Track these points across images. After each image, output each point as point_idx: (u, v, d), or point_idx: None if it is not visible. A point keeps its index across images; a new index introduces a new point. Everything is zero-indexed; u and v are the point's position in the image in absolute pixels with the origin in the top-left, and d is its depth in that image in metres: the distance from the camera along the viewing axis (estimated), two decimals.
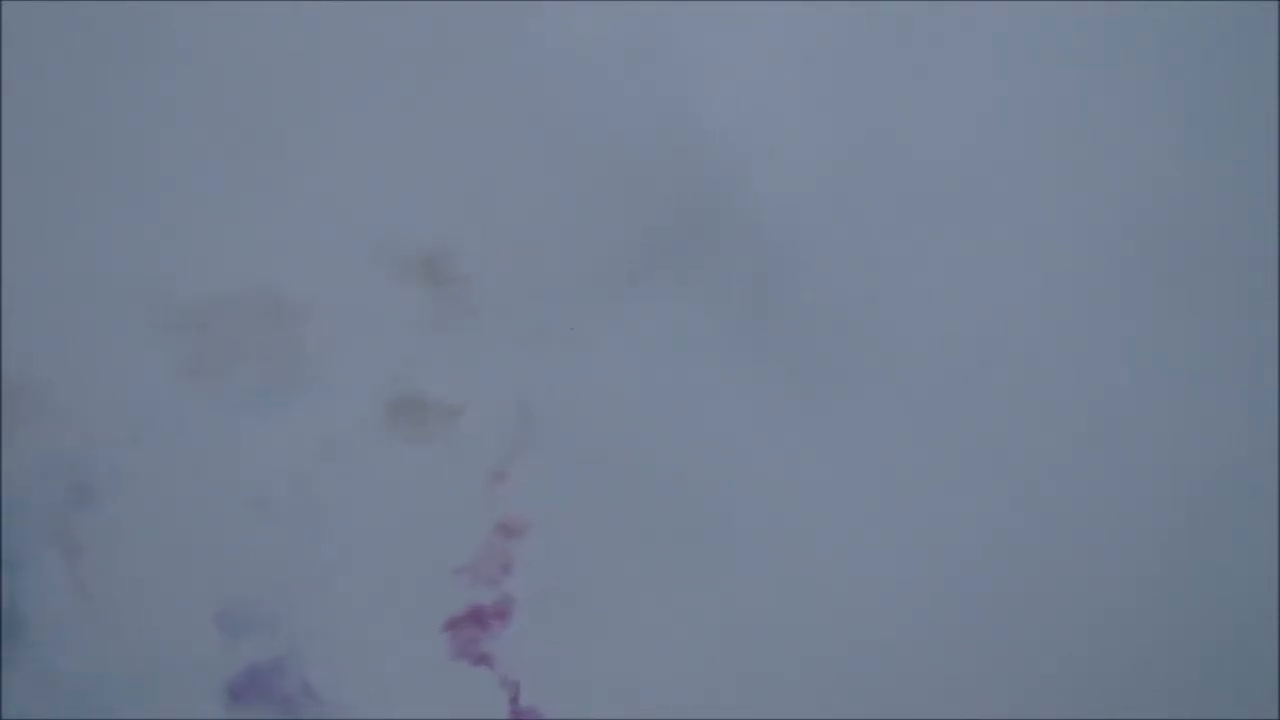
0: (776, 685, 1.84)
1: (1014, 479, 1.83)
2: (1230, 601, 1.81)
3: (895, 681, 1.83)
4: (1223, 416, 1.77)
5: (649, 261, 1.87)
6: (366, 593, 1.84)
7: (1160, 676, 1.84)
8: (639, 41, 1.93)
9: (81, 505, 1.80)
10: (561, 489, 1.82)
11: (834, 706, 1.83)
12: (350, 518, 1.82)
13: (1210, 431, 1.78)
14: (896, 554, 1.81)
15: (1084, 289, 1.75)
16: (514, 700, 1.78)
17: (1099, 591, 1.85)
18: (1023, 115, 1.83)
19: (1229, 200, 1.77)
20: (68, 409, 1.77)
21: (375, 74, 1.90)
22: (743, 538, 1.84)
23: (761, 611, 1.87)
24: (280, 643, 1.83)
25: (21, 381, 1.79)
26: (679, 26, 1.95)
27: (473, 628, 1.78)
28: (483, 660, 1.87)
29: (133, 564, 1.81)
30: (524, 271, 1.88)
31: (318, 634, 1.81)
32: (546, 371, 1.85)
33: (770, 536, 1.83)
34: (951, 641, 1.84)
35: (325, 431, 1.82)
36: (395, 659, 1.81)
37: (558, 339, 1.88)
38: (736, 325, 1.87)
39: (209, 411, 1.80)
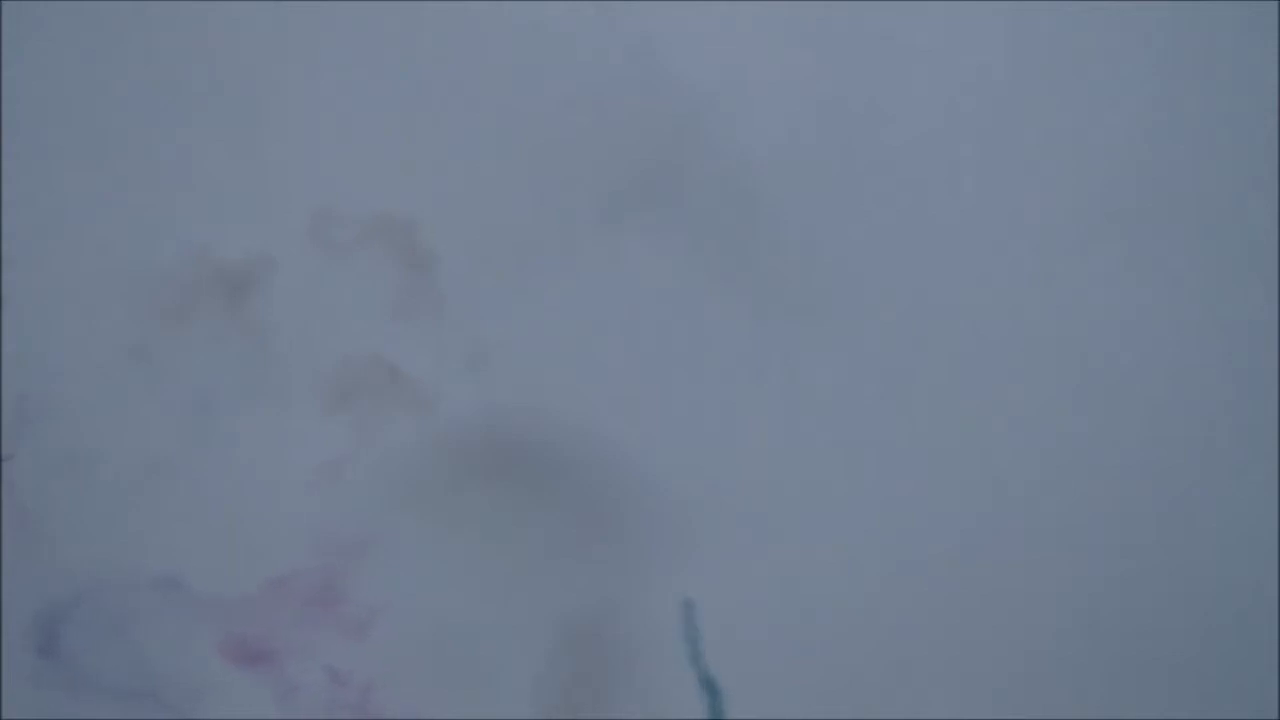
0: (760, 650, 1.80)
1: (996, 415, 1.77)
2: (1229, 585, 1.74)
3: (879, 658, 1.79)
4: (1213, 371, 1.69)
5: (617, 208, 1.80)
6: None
7: (1156, 665, 1.78)
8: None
9: None
10: (524, 435, 1.79)
11: (805, 675, 1.79)
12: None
13: (1202, 378, 1.71)
14: (875, 501, 1.76)
15: (1066, 238, 1.69)
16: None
17: (1087, 558, 1.79)
18: (1008, 63, 1.75)
19: (1215, 163, 1.68)
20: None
21: (324, 28, 1.83)
22: (722, 488, 1.80)
23: (744, 573, 1.83)
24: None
25: None
26: None
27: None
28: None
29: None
30: (486, 226, 1.83)
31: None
32: (512, 323, 1.80)
33: (750, 486, 1.79)
34: (937, 608, 1.80)
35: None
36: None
37: (523, 289, 1.83)
38: (711, 269, 1.81)
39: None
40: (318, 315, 1.79)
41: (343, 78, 1.86)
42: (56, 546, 1.75)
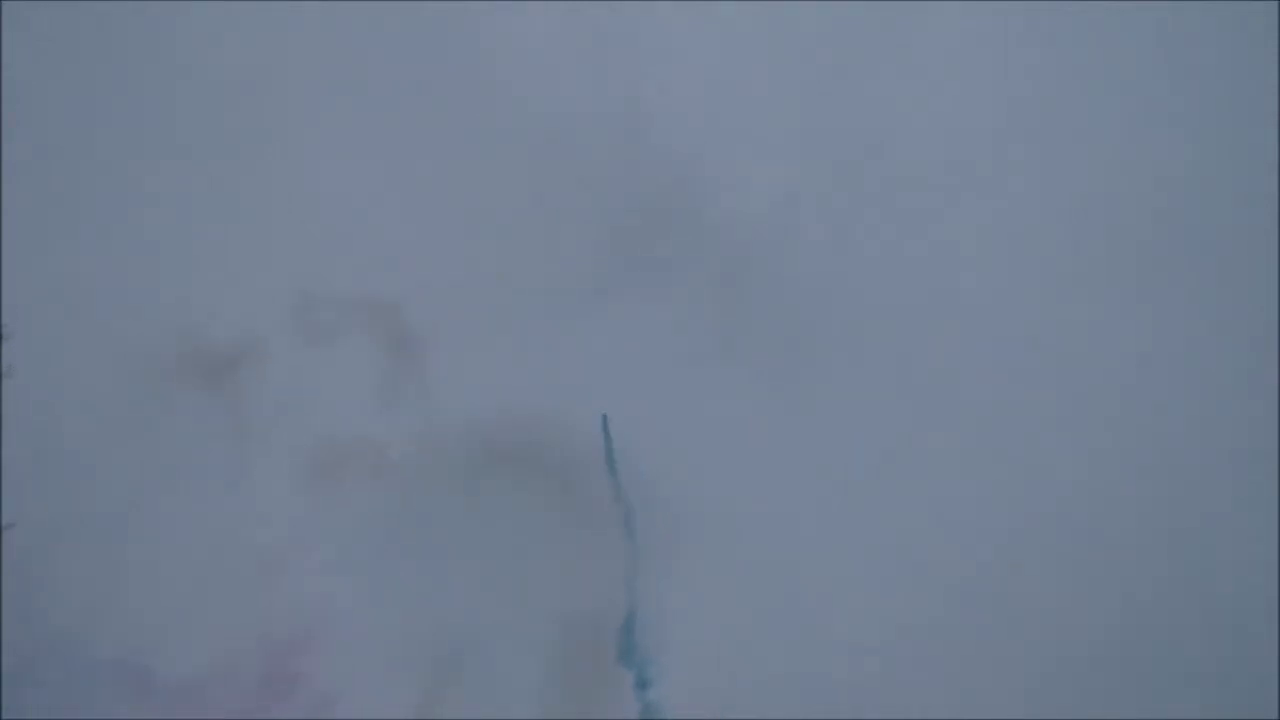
0: (767, 680, 1.69)
1: (995, 462, 1.73)
2: (1229, 591, 1.66)
3: (891, 688, 1.69)
4: (1212, 387, 1.67)
5: (607, 278, 1.78)
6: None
7: (1158, 672, 1.67)
8: (593, 45, 1.90)
9: None
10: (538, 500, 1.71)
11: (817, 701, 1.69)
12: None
13: (1201, 413, 1.68)
14: (874, 538, 1.68)
15: (1062, 292, 1.70)
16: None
17: (1091, 577, 1.72)
18: (995, 109, 1.79)
19: (1216, 183, 1.72)
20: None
21: (327, 79, 1.86)
22: (728, 530, 1.71)
23: (749, 603, 1.73)
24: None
25: None
26: (634, 29, 1.92)
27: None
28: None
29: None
30: (474, 304, 1.80)
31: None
32: (518, 386, 1.76)
33: (754, 527, 1.71)
34: (943, 632, 1.70)
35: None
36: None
37: (526, 352, 1.78)
38: (707, 323, 1.77)
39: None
40: (301, 396, 1.73)
41: (334, 163, 1.87)
42: (16, 615, 1.61)
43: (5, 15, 1.84)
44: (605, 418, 1.70)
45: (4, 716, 1.68)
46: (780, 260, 1.91)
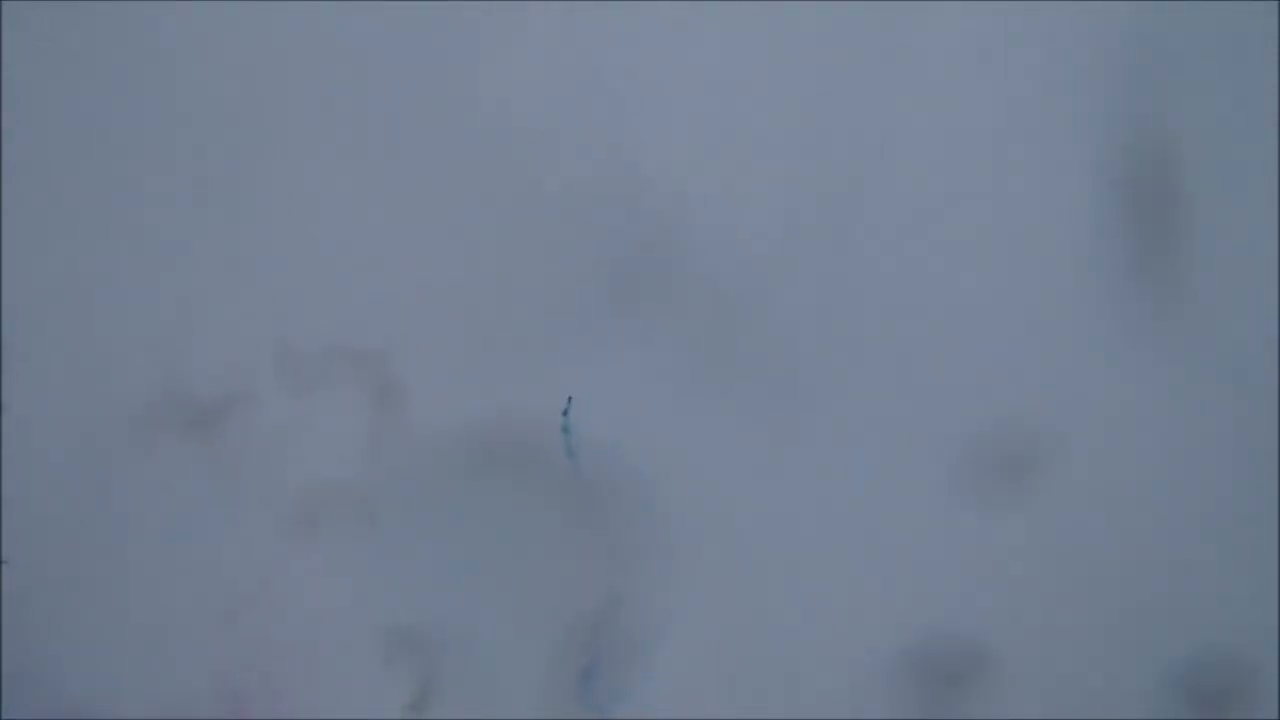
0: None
1: (990, 513, 1.76)
2: (1229, 602, 1.70)
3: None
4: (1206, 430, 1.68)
5: (595, 322, 1.77)
6: None
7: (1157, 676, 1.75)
8: (583, 84, 1.86)
9: None
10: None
11: None
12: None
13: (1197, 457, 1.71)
14: (870, 574, 1.74)
15: (1059, 334, 1.68)
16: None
17: (1085, 609, 1.77)
18: (980, 151, 1.75)
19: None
20: None
21: (304, 127, 1.83)
22: (724, 568, 1.77)
23: (742, 644, 1.81)
24: None
25: None
26: (618, 77, 1.87)
27: None
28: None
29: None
30: (460, 351, 1.80)
31: None
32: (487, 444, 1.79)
33: (750, 566, 1.76)
34: (936, 678, 1.78)
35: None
36: None
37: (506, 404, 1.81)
38: (697, 375, 1.78)
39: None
40: (285, 448, 1.75)
41: (317, 205, 1.84)
42: None
43: None
44: (569, 400, 1.73)
45: None
46: (773, 295, 1.90)
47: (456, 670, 1.82)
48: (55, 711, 1.84)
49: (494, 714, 1.77)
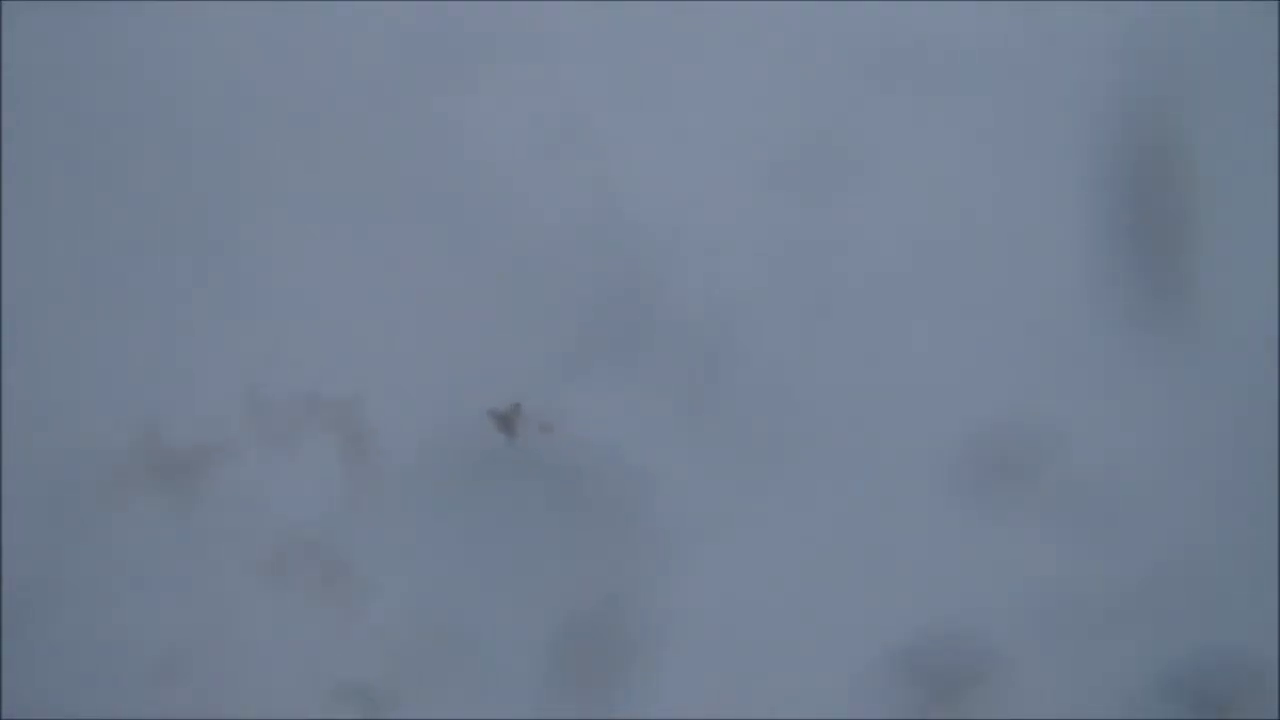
0: None
1: (970, 559, 1.77)
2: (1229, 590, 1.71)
3: None
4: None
5: (574, 365, 1.75)
6: None
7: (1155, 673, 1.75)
8: (560, 133, 1.84)
9: None
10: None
11: None
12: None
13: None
14: (870, 574, 1.73)
15: (1042, 373, 1.68)
16: None
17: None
18: (968, 201, 1.75)
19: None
20: None
21: (272, 172, 1.79)
22: (695, 625, 1.76)
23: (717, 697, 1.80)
24: None
25: None
26: (596, 118, 1.86)
27: None
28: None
29: None
30: (435, 402, 1.78)
31: None
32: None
33: (720, 621, 1.75)
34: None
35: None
36: None
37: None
38: (674, 420, 1.76)
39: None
40: (258, 500, 1.71)
41: (292, 254, 1.80)
42: None
43: None
44: (518, 407, 1.71)
45: None
46: (749, 346, 1.89)
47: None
48: None
49: None
